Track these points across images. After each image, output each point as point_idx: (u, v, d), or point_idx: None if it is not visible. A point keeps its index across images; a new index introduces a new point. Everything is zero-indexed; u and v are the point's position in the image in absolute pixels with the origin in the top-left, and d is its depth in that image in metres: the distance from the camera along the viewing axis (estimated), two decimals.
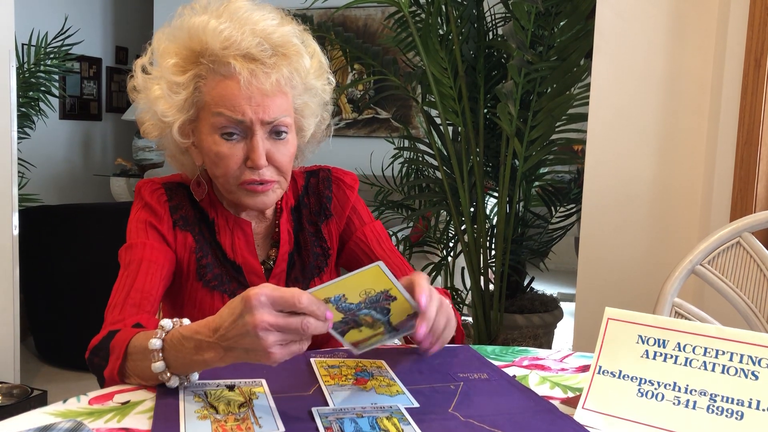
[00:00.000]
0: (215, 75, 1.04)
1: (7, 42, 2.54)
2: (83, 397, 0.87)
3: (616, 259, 2.14)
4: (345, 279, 0.81)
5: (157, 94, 1.06)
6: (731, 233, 1.38)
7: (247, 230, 1.16)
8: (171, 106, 1.06)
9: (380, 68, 3.09)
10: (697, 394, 0.80)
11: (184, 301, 1.14)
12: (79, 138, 6.43)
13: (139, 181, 1.17)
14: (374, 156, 4.33)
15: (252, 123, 1.04)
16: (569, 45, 2.62)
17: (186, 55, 1.06)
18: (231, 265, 1.15)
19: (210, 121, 1.05)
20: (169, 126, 1.07)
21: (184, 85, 1.06)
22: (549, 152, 2.86)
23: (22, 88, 3.92)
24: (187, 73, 1.06)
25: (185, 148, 1.12)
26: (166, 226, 1.13)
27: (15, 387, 2.58)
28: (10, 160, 2.57)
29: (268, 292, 0.77)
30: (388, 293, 0.86)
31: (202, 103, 1.06)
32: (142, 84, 1.09)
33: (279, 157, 1.07)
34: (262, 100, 1.04)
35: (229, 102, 1.03)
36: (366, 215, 1.25)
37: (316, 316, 0.78)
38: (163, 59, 1.07)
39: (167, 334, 0.87)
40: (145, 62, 1.10)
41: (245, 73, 1.02)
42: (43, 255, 3.18)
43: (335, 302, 0.82)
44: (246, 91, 1.03)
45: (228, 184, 1.08)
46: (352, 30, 5.82)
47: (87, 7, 6.38)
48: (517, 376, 1.00)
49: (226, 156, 1.05)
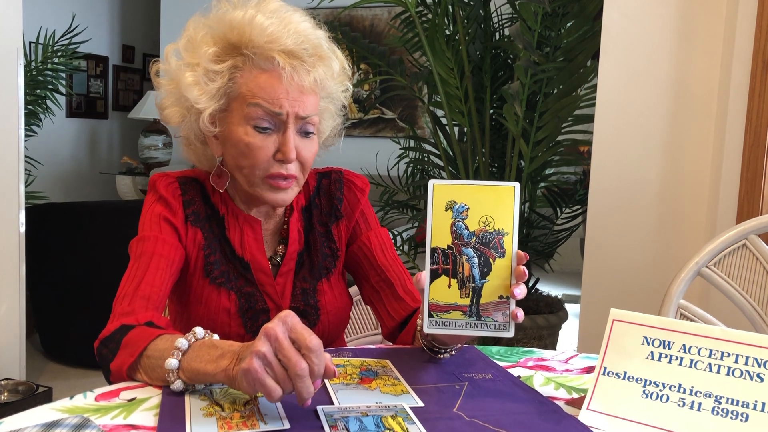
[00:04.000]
0: (254, 68, 1.06)
1: (15, 40, 2.55)
2: (90, 394, 0.88)
3: (621, 260, 2.14)
4: (478, 185, 0.81)
5: (190, 80, 1.07)
6: (738, 235, 1.38)
7: (256, 227, 1.17)
8: (204, 93, 1.07)
9: (386, 68, 3.09)
10: (702, 395, 0.80)
11: (190, 298, 1.14)
12: (86, 136, 6.45)
13: (153, 174, 1.18)
14: (380, 156, 4.33)
15: (287, 117, 1.06)
16: (576, 46, 2.62)
17: (225, 46, 1.08)
18: (239, 262, 1.15)
19: (244, 111, 1.06)
20: (198, 113, 1.08)
21: (221, 74, 1.07)
22: (555, 153, 2.86)
23: (30, 86, 3.94)
24: (225, 62, 1.07)
25: (205, 138, 1.12)
26: (180, 221, 1.13)
27: (20, 384, 2.59)
28: (18, 158, 2.58)
29: (291, 320, 0.79)
30: (502, 238, 0.85)
31: (235, 94, 1.07)
32: (174, 69, 1.10)
33: (305, 153, 1.10)
34: (299, 96, 1.06)
35: (268, 94, 1.05)
36: (373, 221, 1.25)
37: (313, 364, 0.77)
38: (200, 47, 1.08)
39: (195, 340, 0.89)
40: (179, 47, 1.11)
41: (288, 68, 1.04)
42: (49, 252, 3.19)
43: (456, 212, 0.82)
44: (286, 85, 1.05)
45: (253, 176, 1.09)
46: (359, 30, 5.82)
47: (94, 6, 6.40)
48: (522, 376, 1.00)
49: (258, 147, 1.06)
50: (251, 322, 1.14)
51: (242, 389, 0.80)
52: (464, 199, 0.85)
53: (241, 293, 1.14)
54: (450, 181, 0.83)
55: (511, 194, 0.86)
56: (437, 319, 0.90)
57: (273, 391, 0.78)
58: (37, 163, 4.13)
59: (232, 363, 0.82)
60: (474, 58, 2.90)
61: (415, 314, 1.16)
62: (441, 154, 3.00)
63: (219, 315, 1.12)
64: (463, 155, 2.93)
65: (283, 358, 0.77)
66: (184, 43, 1.11)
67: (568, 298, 4.41)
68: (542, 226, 3.34)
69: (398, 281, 1.20)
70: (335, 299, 1.20)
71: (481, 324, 0.90)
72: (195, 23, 1.11)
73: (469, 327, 0.90)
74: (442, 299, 0.89)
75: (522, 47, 2.53)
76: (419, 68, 3.20)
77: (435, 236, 0.88)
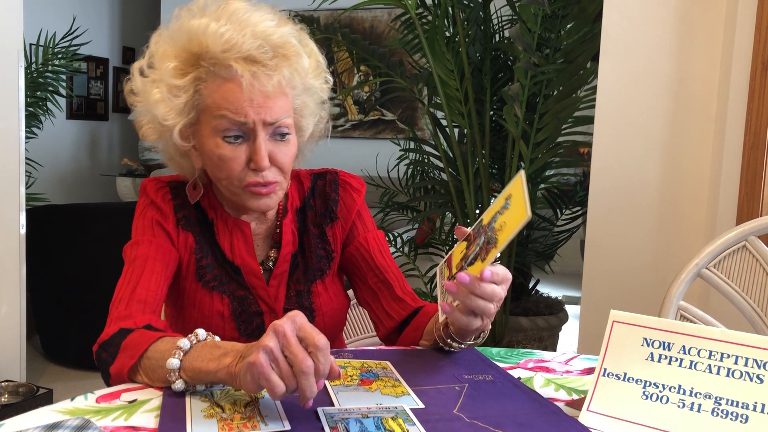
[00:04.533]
0: (216, 77, 1.04)
1: (15, 42, 2.56)
2: (90, 396, 0.88)
3: (621, 261, 2.14)
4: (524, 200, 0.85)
5: (156, 97, 1.06)
6: (737, 237, 1.38)
7: (246, 231, 1.16)
8: (171, 109, 1.05)
9: (386, 70, 3.09)
10: (702, 397, 0.80)
11: (184, 301, 1.15)
12: (86, 138, 6.46)
13: (144, 179, 1.17)
14: (380, 157, 4.33)
15: (254, 125, 1.04)
16: (576, 48, 2.63)
17: (185, 58, 1.06)
18: (230, 266, 1.15)
19: (212, 124, 1.05)
20: (169, 129, 1.07)
21: (185, 88, 1.05)
22: (555, 155, 2.86)
23: (30, 87, 3.94)
24: (187, 76, 1.05)
25: (185, 151, 1.12)
26: (171, 225, 1.13)
27: (21, 385, 2.59)
28: (18, 160, 2.58)
29: (300, 319, 0.80)
30: (508, 201, 0.89)
31: (203, 106, 1.06)
32: (140, 87, 1.08)
33: (281, 157, 1.07)
34: (264, 102, 1.03)
35: (232, 104, 1.03)
36: (370, 222, 1.25)
37: (318, 363, 0.78)
38: (162, 62, 1.06)
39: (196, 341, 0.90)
40: (143, 65, 1.09)
41: (247, 75, 1.01)
42: (50, 254, 3.19)
43: (503, 207, 0.89)
44: (248, 93, 1.02)
45: (232, 186, 1.08)
46: (359, 31, 5.83)
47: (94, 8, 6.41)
48: (522, 378, 1.00)
49: (229, 158, 1.05)
50: (245, 325, 1.14)
51: (244, 386, 0.80)
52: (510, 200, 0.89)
53: (234, 297, 1.14)
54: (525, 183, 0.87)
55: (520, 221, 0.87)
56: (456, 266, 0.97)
57: (276, 387, 0.77)
58: (38, 165, 4.14)
59: (234, 360, 0.82)
60: (474, 59, 2.90)
61: (418, 313, 1.16)
62: (441, 156, 3.01)
63: (213, 318, 1.13)
64: (463, 157, 2.93)
65: (290, 355, 0.78)
66: (147, 59, 1.09)
67: (568, 300, 4.41)
68: (542, 228, 3.35)
69: (397, 282, 1.20)
70: (330, 300, 1.19)
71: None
72: (157, 37, 1.09)
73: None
74: (454, 257, 0.97)
75: (522, 49, 2.53)
76: (419, 70, 3.21)
77: (487, 214, 0.93)
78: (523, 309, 3.04)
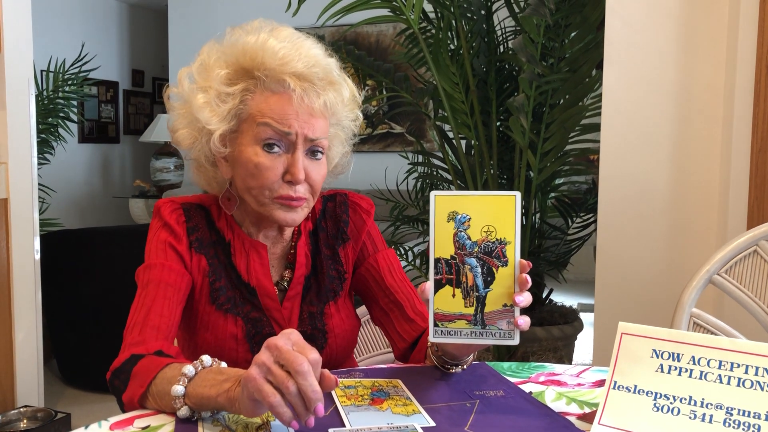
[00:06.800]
0: (265, 90, 1.08)
1: (26, 70, 2.59)
2: (104, 423, 0.89)
3: (633, 270, 2.13)
4: (479, 195, 0.83)
5: (201, 102, 1.09)
6: (748, 242, 1.37)
7: (262, 253, 1.17)
8: (216, 114, 1.08)
9: (392, 85, 3.11)
10: (713, 407, 0.80)
11: (197, 324, 1.15)
12: (98, 161, 6.52)
13: (158, 200, 1.19)
14: (389, 171, 4.34)
15: (297, 137, 1.07)
16: (580, 56, 2.63)
17: (238, 68, 1.09)
18: (245, 287, 1.16)
19: (254, 131, 1.08)
20: (209, 134, 1.10)
21: (233, 95, 1.08)
22: (563, 163, 2.86)
23: (42, 114, 3.99)
24: (236, 85, 1.09)
25: (215, 160, 1.14)
26: (184, 247, 1.14)
27: (39, 410, 2.61)
28: (31, 186, 2.62)
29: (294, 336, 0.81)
30: (504, 246, 0.87)
31: (245, 115, 1.09)
32: (187, 92, 1.12)
33: (314, 175, 1.10)
34: (309, 119, 1.07)
35: (278, 114, 1.06)
36: (380, 242, 1.26)
37: (303, 386, 0.76)
38: (213, 70, 1.10)
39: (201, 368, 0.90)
40: (192, 71, 1.13)
41: (298, 90, 1.06)
42: (65, 278, 3.22)
43: (458, 223, 0.85)
44: (296, 107, 1.06)
45: (262, 197, 1.10)
46: (365, 45, 5.86)
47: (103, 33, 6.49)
48: (534, 392, 1.00)
49: (267, 168, 1.07)
50: (258, 348, 1.14)
51: (242, 407, 0.80)
52: (466, 209, 0.87)
53: (248, 319, 1.14)
54: (451, 192, 0.85)
55: (512, 203, 0.87)
56: (442, 329, 0.92)
57: (270, 396, 0.76)
58: (51, 191, 4.18)
59: (234, 385, 0.83)
60: (479, 71, 2.91)
61: (426, 333, 1.17)
62: (449, 168, 3.01)
63: (226, 341, 1.13)
64: (471, 168, 2.93)
65: (283, 361, 0.77)
66: (198, 66, 1.12)
67: (583, 307, 4.39)
68: (554, 237, 3.33)
69: (407, 303, 1.20)
70: (342, 321, 1.20)
71: (485, 332, 0.91)
72: (209, 48, 1.13)
73: (474, 336, 0.91)
74: (446, 309, 0.91)
75: (525, 60, 2.54)
76: (424, 84, 3.22)
77: (438, 247, 0.90)
78: (537, 319, 3.03)
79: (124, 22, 6.77)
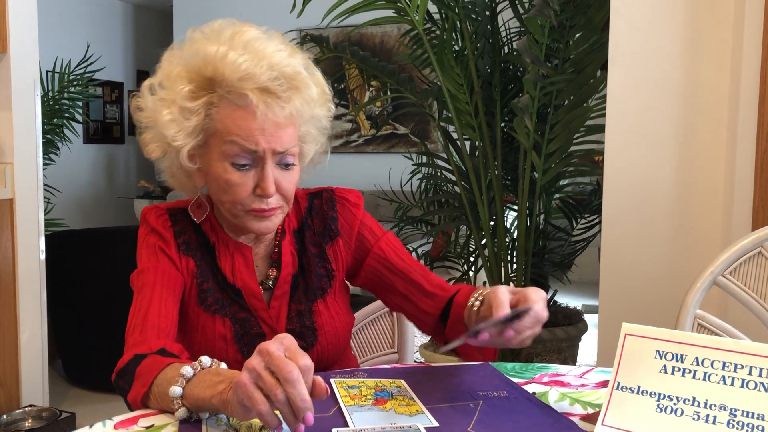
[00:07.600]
0: (229, 104, 1.06)
1: (32, 72, 2.61)
2: (108, 422, 0.89)
3: (638, 271, 2.13)
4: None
5: (167, 118, 1.07)
6: (753, 243, 1.37)
7: (246, 254, 1.18)
8: (181, 130, 1.07)
9: (396, 86, 3.11)
10: (716, 409, 0.80)
11: (188, 326, 1.16)
12: (103, 161, 6.54)
13: (144, 208, 1.19)
14: (393, 171, 4.35)
15: (264, 153, 1.05)
16: (584, 57, 2.62)
17: (200, 82, 1.07)
18: (231, 289, 1.16)
19: (221, 148, 1.07)
20: (177, 150, 1.09)
21: (196, 111, 1.07)
22: (568, 164, 2.85)
23: (47, 115, 4.00)
24: (199, 99, 1.07)
25: (188, 171, 1.13)
26: (173, 251, 1.15)
27: (44, 410, 2.62)
28: (36, 187, 2.63)
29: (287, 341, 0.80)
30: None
31: (212, 130, 1.08)
32: (151, 106, 1.10)
33: (285, 185, 1.10)
34: (275, 132, 1.05)
35: (244, 132, 1.05)
36: (377, 229, 1.26)
37: (291, 394, 0.75)
38: (175, 84, 1.08)
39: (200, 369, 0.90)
40: (155, 83, 1.11)
41: (261, 105, 1.03)
42: (69, 278, 3.23)
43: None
44: (261, 122, 1.04)
45: (234, 209, 1.10)
46: (369, 46, 5.86)
47: (108, 34, 6.51)
48: (537, 393, 1.00)
49: (237, 184, 1.07)
50: (248, 348, 1.14)
51: (233, 411, 0.80)
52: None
53: (236, 319, 1.15)
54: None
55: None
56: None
57: (259, 404, 0.75)
58: (56, 191, 4.19)
59: (227, 387, 0.82)
60: (483, 72, 2.91)
61: (453, 300, 1.17)
62: (453, 169, 3.01)
63: (216, 342, 1.13)
64: (475, 169, 2.93)
65: (273, 367, 0.76)
66: (160, 79, 1.10)
67: (588, 309, 4.38)
68: (558, 238, 3.33)
69: (424, 279, 1.21)
70: (332, 319, 1.20)
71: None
72: (170, 57, 1.11)
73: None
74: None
75: (530, 61, 2.54)
76: (429, 85, 3.22)
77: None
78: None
79: (129, 23, 6.79)
